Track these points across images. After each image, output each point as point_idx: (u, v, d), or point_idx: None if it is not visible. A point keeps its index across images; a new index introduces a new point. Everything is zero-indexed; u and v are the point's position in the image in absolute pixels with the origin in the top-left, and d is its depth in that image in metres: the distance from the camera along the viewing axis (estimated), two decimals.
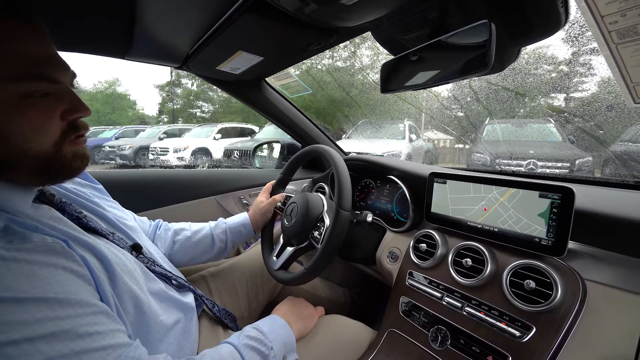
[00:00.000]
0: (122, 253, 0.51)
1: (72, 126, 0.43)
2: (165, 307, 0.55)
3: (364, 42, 8.91)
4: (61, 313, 0.34)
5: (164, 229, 0.84)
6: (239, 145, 6.52)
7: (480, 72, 0.41)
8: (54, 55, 0.43)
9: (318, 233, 0.74)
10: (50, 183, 0.47)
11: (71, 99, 0.43)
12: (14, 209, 0.40)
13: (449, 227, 0.75)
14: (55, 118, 0.41)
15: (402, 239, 0.89)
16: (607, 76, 4.38)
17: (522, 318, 0.55)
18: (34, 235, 0.38)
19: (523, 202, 0.61)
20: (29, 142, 0.39)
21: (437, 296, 0.68)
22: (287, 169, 0.94)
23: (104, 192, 0.68)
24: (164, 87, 18.35)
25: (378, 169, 1.03)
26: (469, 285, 0.64)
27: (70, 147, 0.44)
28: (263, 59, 0.70)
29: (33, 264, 0.35)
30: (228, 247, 0.86)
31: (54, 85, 0.41)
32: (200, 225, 0.86)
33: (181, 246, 0.82)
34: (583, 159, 3.98)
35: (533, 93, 5.12)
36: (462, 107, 6.39)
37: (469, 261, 0.65)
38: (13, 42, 0.38)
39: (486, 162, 4.32)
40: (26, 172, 0.41)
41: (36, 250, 0.36)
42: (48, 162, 0.41)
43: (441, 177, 0.77)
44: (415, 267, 0.77)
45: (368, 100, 8.15)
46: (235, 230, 0.86)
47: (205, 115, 17.68)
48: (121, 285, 0.45)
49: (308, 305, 0.74)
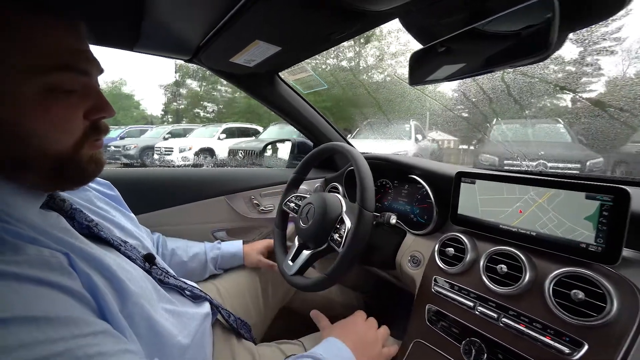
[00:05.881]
0: (132, 267, 0.47)
1: (94, 127, 0.41)
2: (181, 326, 0.51)
3: (369, 42, 8.86)
4: (53, 334, 0.29)
5: (162, 244, 0.82)
6: (243, 145, 6.52)
7: (537, 56, 0.36)
8: (84, 49, 0.40)
9: (338, 236, 0.69)
10: (60, 189, 0.43)
11: (97, 97, 0.40)
12: (16, 216, 0.35)
13: (478, 230, 0.70)
14: (79, 116, 0.38)
15: (424, 242, 0.84)
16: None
17: (570, 332, 0.50)
18: (28, 247, 0.33)
19: (566, 204, 0.56)
20: (49, 141, 0.36)
21: (469, 305, 0.63)
22: (302, 168, 0.89)
23: (120, 201, 0.64)
24: (169, 87, 18.44)
25: (398, 168, 0.97)
26: (505, 293, 0.59)
27: (89, 150, 0.40)
28: (280, 49, 0.65)
29: (22, 280, 0.30)
30: (216, 270, 0.87)
31: (82, 78, 0.38)
32: (195, 249, 0.85)
33: (175, 267, 0.79)
34: (595, 160, 3.89)
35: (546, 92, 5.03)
36: (468, 107, 6.32)
37: (504, 267, 0.60)
38: (41, 32, 0.35)
39: (494, 163, 4.24)
40: (40, 174, 0.37)
41: (28, 264, 0.31)
42: (64, 164, 0.38)
43: (469, 177, 0.72)
44: (441, 273, 0.72)
45: (373, 99, 8.09)
46: (226, 259, 0.87)
47: (209, 116, 17.77)
48: (131, 306, 0.40)
49: (377, 340, 0.65)
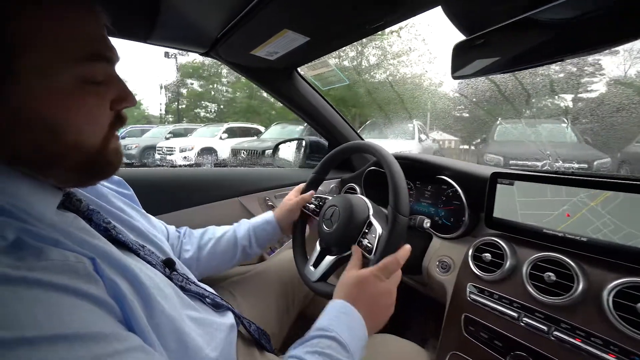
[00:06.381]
0: (154, 273, 0.43)
1: (118, 117, 0.40)
2: (208, 337, 0.46)
3: (371, 42, 8.79)
4: (85, 353, 0.25)
5: (189, 235, 0.76)
6: (245, 145, 6.50)
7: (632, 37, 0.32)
8: (105, 36, 0.38)
9: (368, 242, 0.64)
10: (87, 183, 0.41)
11: (120, 86, 0.39)
12: (35, 215, 0.32)
13: (517, 234, 0.65)
14: (107, 107, 0.38)
15: (453, 246, 0.79)
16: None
17: (639, 351, 0.45)
18: (52, 251, 0.29)
19: (625, 208, 0.51)
20: (81, 134, 0.35)
21: (512, 316, 0.58)
22: (322, 167, 0.85)
23: (135, 200, 0.60)
24: (169, 87, 18.41)
25: (425, 169, 0.92)
26: (554, 304, 0.54)
27: (115, 142, 0.40)
28: (309, 40, 0.61)
29: (49, 288, 0.27)
30: (253, 248, 0.76)
31: (109, 68, 0.38)
32: (224, 229, 0.77)
33: (206, 255, 0.73)
34: (602, 160, 3.85)
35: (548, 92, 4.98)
36: (469, 107, 6.27)
37: (553, 276, 0.55)
38: (75, 22, 0.34)
39: (500, 162, 4.20)
40: (70, 169, 0.36)
41: (54, 270, 0.28)
42: (94, 157, 0.37)
43: (507, 178, 0.67)
44: (477, 280, 0.67)
45: (376, 99, 8.04)
46: (259, 228, 0.77)
47: (210, 115, 17.74)
48: (159, 315, 0.37)
49: (392, 293, 0.55)
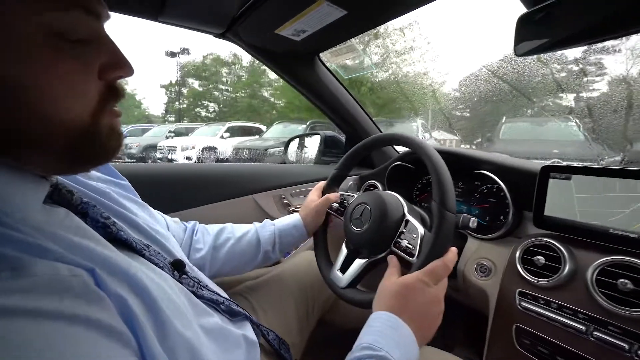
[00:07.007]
0: (162, 278, 0.36)
1: (111, 89, 0.32)
2: (226, 353, 0.39)
3: (374, 40, 8.74)
4: None
5: (202, 232, 0.68)
6: (247, 143, 6.47)
7: None
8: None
9: (408, 242, 0.57)
10: (79, 170, 0.32)
11: (111, 49, 0.31)
12: (14, 214, 0.25)
13: (574, 235, 0.58)
14: (93, 74, 0.30)
15: (492, 248, 0.72)
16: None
17: None
18: (37, 263, 0.23)
19: None
20: (62, 108, 0.27)
21: (579, 329, 0.51)
22: (344, 164, 0.77)
23: (131, 190, 0.52)
24: (170, 87, 18.36)
25: (460, 162, 0.83)
26: (631, 317, 0.47)
27: (109, 119, 0.31)
28: (345, 14, 0.53)
29: (32, 317, 0.20)
30: (275, 254, 0.70)
31: (93, 23, 0.29)
32: (244, 229, 0.70)
33: (223, 256, 0.66)
34: (611, 159, 3.79)
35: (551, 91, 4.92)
36: (470, 107, 6.21)
37: (629, 284, 0.48)
38: None
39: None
40: (51, 154, 0.28)
41: (39, 291, 0.21)
42: (82, 138, 0.29)
43: (562, 172, 0.60)
44: (527, 286, 0.60)
45: (378, 98, 7.99)
46: (285, 232, 0.70)
47: (210, 115, 17.72)
48: (173, 333, 0.30)
49: (441, 301, 0.48)
